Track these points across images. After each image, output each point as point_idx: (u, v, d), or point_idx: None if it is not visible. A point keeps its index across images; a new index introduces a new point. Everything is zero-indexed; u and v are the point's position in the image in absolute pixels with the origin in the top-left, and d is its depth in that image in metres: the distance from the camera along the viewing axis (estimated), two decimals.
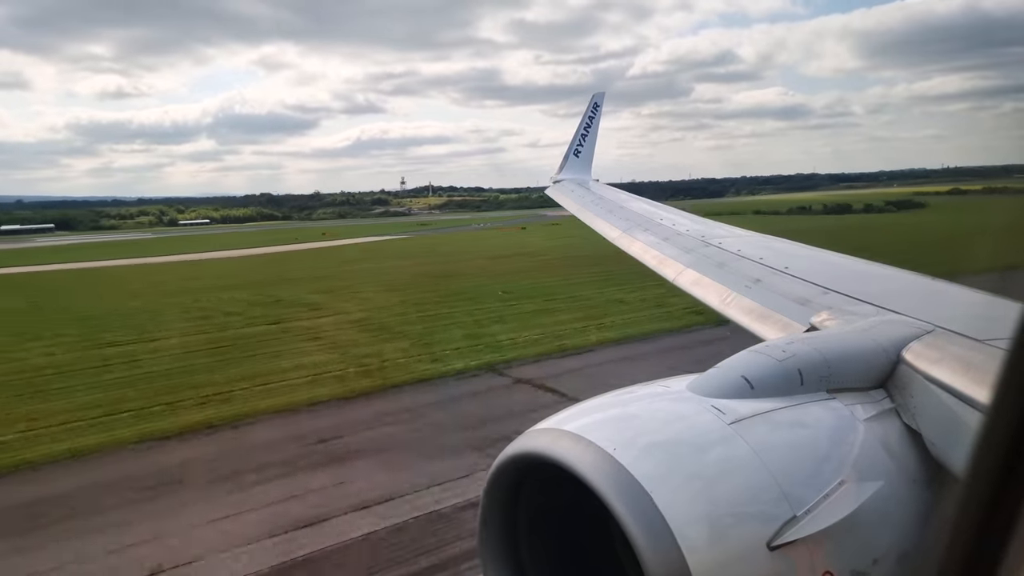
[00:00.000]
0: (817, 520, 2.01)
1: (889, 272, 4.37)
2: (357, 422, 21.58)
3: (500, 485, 2.31)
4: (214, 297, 46.94)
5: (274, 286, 51.03)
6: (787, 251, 5.27)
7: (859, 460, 2.24)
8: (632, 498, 1.91)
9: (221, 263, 75.52)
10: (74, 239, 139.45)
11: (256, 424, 21.80)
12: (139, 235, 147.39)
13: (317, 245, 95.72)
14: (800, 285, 4.15)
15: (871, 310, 3.36)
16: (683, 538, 1.87)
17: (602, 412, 2.33)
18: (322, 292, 47.50)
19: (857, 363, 2.60)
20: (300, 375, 26.68)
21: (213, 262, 76.94)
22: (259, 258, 79.73)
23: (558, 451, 2.08)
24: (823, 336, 2.98)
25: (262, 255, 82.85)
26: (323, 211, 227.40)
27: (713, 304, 4.67)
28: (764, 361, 2.48)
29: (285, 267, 66.59)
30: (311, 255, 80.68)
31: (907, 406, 2.48)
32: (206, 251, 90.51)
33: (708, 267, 5.22)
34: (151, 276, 63.86)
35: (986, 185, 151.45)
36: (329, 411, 22.78)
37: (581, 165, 12.04)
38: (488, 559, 2.36)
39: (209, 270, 67.48)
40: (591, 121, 12.44)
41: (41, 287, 58.89)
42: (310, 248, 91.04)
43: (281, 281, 54.10)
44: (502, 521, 2.35)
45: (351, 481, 17.15)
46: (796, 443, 2.24)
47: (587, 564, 2.51)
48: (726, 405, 2.25)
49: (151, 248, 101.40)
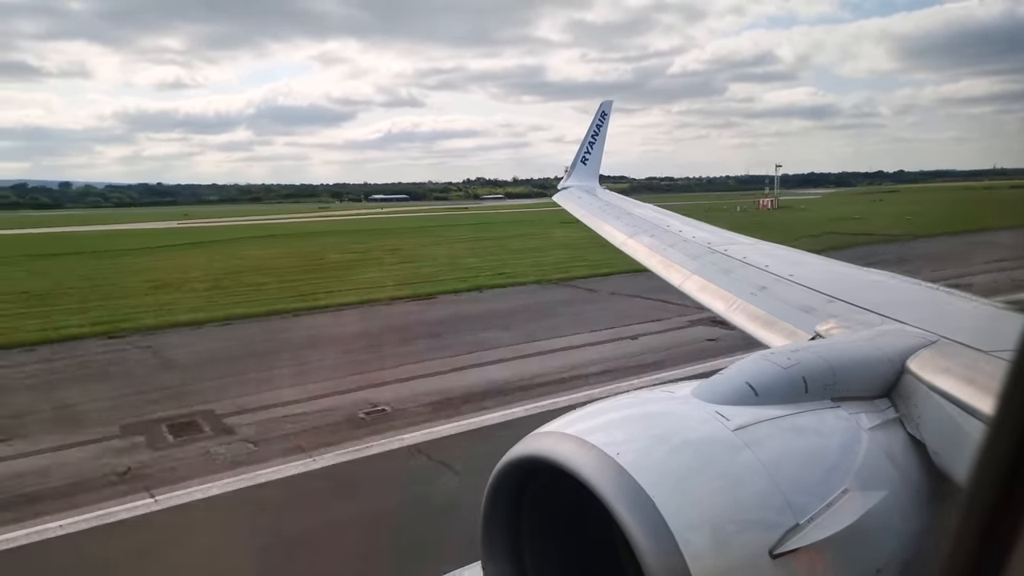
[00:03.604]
0: (820, 528, 2.01)
1: (893, 282, 4.36)
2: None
3: (503, 488, 2.31)
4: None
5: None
6: (792, 259, 5.27)
7: (863, 469, 2.23)
8: (635, 502, 1.91)
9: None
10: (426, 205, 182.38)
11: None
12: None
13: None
14: (805, 293, 4.15)
15: (876, 319, 3.36)
16: (685, 544, 1.87)
17: (605, 416, 2.34)
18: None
19: (862, 372, 2.60)
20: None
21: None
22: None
23: (561, 454, 2.09)
24: (828, 344, 2.98)
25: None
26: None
27: (719, 310, 4.68)
28: (769, 368, 2.48)
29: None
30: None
31: (911, 416, 2.48)
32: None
33: (714, 273, 5.23)
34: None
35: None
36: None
37: (588, 172, 12.07)
38: (491, 562, 2.37)
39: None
40: (599, 129, 12.47)
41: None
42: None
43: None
44: (505, 524, 2.36)
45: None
46: (800, 451, 2.24)
47: (590, 568, 2.51)
48: (730, 411, 2.25)
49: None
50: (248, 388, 16.92)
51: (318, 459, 12.46)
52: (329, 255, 48.86)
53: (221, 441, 13.56)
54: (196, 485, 11.51)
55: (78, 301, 30.97)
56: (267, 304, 28.73)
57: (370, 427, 13.98)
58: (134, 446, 13.45)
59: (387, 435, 13.48)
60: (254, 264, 44.05)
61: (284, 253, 50.87)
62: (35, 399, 16.75)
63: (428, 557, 8.45)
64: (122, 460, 12.72)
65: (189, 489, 11.38)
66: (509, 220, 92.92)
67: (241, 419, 14.73)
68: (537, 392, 15.85)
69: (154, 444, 13.51)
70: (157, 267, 43.06)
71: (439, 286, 32.72)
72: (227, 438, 13.71)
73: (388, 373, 17.60)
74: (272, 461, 12.41)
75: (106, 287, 35.46)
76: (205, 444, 13.42)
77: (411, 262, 43.36)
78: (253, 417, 14.81)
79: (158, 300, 30.67)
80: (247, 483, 11.60)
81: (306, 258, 46.56)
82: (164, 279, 37.58)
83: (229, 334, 23.88)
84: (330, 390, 16.35)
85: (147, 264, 45.10)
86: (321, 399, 15.77)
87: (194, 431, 14.16)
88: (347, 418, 14.52)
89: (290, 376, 17.77)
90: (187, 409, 15.48)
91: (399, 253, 49.07)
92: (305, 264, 42.93)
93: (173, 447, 13.37)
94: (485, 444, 12.45)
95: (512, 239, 58.42)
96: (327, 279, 35.96)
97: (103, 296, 32.42)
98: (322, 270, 40.00)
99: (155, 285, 35.28)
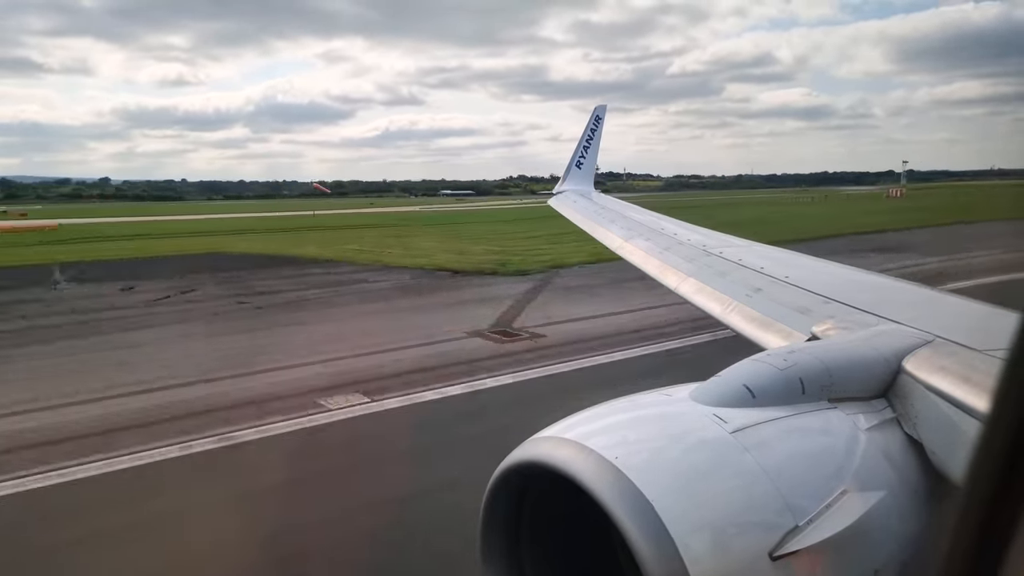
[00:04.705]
0: (820, 530, 2.01)
1: (888, 282, 4.38)
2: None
3: (501, 494, 2.31)
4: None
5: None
6: (787, 261, 5.29)
7: (861, 470, 2.24)
8: (634, 507, 1.91)
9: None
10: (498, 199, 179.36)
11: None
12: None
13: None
14: (801, 294, 4.16)
15: (872, 320, 3.37)
16: (685, 548, 1.87)
17: (603, 420, 2.34)
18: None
19: (858, 372, 2.61)
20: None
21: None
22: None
23: (560, 459, 2.09)
24: (824, 345, 2.99)
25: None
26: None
27: (715, 313, 4.68)
28: (766, 370, 2.48)
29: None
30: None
31: (908, 416, 2.49)
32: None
33: (710, 276, 5.24)
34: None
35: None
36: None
37: (583, 176, 12.11)
38: (490, 568, 2.36)
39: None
40: (593, 133, 12.52)
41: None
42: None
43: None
44: (504, 530, 2.35)
45: None
46: (798, 452, 2.25)
47: (589, 573, 2.50)
48: (728, 414, 2.25)
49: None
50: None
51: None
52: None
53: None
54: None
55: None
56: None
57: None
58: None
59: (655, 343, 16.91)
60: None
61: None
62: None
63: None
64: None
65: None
66: (657, 205, 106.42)
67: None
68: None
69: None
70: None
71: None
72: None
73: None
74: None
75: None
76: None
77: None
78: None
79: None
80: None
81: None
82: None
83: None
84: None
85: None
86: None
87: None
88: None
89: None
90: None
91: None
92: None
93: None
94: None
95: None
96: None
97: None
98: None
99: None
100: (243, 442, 10.92)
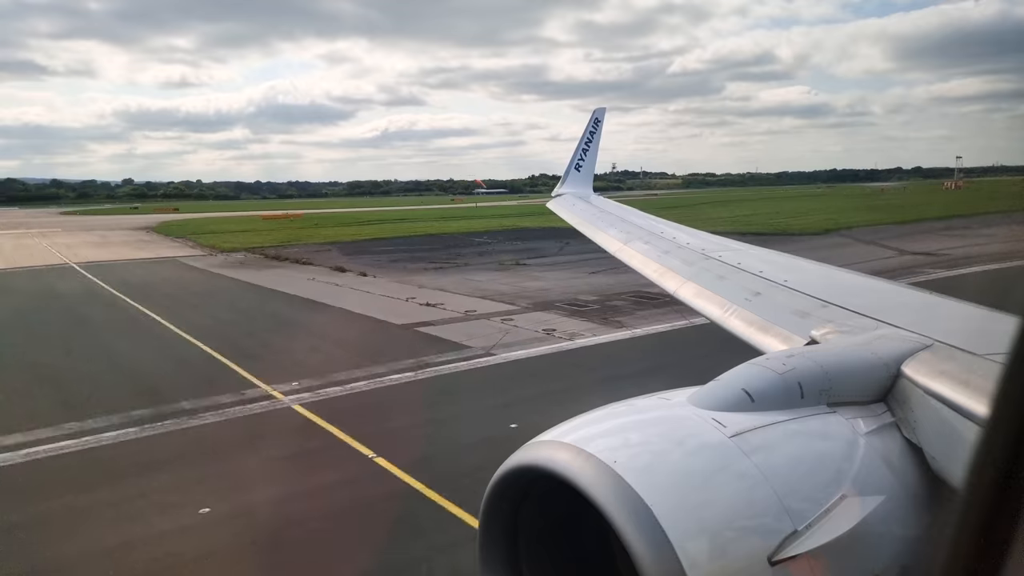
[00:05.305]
0: (819, 535, 2.00)
1: (887, 286, 4.38)
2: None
3: (499, 498, 2.30)
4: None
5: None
6: (786, 264, 5.29)
7: (860, 474, 2.23)
8: (633, 511, 1.90)
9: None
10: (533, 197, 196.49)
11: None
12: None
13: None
14: (800, 298, 4.16)
15: (871, 324, 3.37)
16: (684, 552, 1.86)
17: (602, 424, 2.33)
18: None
19: (857, 377, 2.60)
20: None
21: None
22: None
23: (558, 463, 2.08)
24: (823, 349, 2.98)
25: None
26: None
27: (714, 316, 4.67)
28: (765, 374, 2.48)
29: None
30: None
31: (907, 420, 2.48)
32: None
33: (709, 280, 5.23)
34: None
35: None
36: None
37: (582, 179, 12.08)
38: (488, 571, 2.35)
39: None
40: (592, 136, 12.50)
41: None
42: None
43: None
44: (502, 534, 2.35)
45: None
46: (797, 457, 2.24)
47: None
48: (727, 418, 2.25)
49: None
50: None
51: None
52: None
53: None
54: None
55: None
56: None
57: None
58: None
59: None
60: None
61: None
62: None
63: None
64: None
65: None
66: (712, 200, 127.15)
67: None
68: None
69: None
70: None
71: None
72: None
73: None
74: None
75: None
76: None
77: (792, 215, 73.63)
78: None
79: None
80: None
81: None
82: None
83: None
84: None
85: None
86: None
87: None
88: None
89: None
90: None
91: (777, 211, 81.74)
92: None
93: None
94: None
95: (778, 207, 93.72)
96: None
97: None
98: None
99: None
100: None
